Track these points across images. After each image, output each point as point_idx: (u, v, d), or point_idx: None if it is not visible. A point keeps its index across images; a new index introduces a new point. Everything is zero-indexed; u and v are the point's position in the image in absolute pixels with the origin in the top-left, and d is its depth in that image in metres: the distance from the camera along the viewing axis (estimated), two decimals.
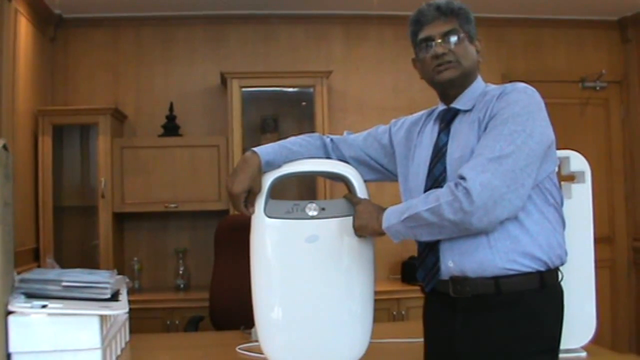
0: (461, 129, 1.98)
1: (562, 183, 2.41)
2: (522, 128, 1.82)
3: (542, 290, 1.87)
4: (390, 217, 1.94)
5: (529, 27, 5.45)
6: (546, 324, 1.89)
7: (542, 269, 1.87)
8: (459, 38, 1.99)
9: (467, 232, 1.84)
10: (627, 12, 5.36)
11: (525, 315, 1.86)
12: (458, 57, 1.99)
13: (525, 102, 1.87)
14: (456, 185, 1.80)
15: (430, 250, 1.98)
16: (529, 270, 1.86)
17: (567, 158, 2.44)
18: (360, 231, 2.07)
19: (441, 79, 2.01)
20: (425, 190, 1.96)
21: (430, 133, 2.08)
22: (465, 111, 2.00)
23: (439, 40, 1.98)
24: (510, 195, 1.78)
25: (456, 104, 2.02)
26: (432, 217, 1.83)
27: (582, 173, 2.44)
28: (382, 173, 2.28)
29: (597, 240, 2.44)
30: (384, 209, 1.99)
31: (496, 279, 1.86)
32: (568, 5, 5.18)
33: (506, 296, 1.86)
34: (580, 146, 2.68)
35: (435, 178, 1.97)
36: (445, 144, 2.00)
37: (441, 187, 1.88)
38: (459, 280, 1.91)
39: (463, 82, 2.01)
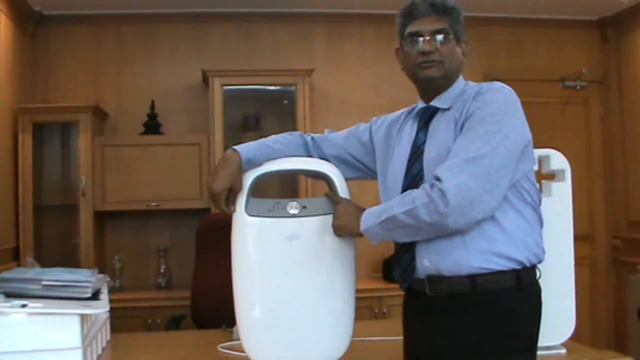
0: (439, 128, 1.98)
1: (542, 181, 2.42)
2: (498, 128, 1.82)
3: (518, 289, 1.88)
4: (368, 220, 1.95)
5: (510, 26, 5.49)
6: (522, 322, 1.90)
7: (518, 267, 1.88)
8: (447, 38, 1.98)
9: (443, 233, 1.85)
10: (607, 12, 5.41)
11: (501, 313, 1.87)
12: (443, 57, 1.98)
13: (501, 102, 1.88)
14: (432, 186, 1.80)
15: (406, 250, 1.98)
16: (505, 268, 1.87)
17: (547, 156, 2.46)
18: (339, 231, 2.08)
19: (423, 76, 2.01)
20: (403, 189, 1.97)
21: (409, 131, 2.08)
22: (444, 110, 2.00)
23: (427, 38, 1.98)
24: (486, 196, 1.78)
25: (435, 102, 2.02)
26: (409, 219, 1.83)
27: (562, 171, 2.46)
28: (363, 171, 2.28)
29: (577, 238, 2.45)
30: (363, 210, 2.00)
31: (472, 277, 1.86)
32: (549, 4, 5.21)
33: (482, 294, 1.86)
34: (561, 145, 2.69)
35: (413, 177, 1.97)
36: (423, 142, 2.00)
37: (418, 186, 1.89)
38: (435, 279, 1.92)
39: (444, 82, 2.01)
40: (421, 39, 1.98)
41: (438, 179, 1.79)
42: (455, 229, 1.81)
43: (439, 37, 1.98)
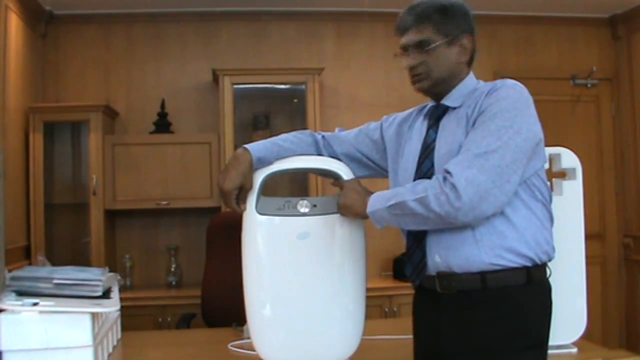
0: (450, 125, 1.98)
1: (553, 180, 2.42)
2: (510, 124, 1.82)
3: (528, 286, 1.88)
4: (376, 202, 1.94)
5: (521, 24, 5.47)
6: (532, 320, 1.90)
7: (529, 264, 1.88)
8: (430, 47, 1.98)
9: (451, 225, 1.85)
10: (617, 10, 5.38)
11: (511, 311, 1.87)
12: (430, 67, 1.99)
13: (513, 99, 1.87)
14: (444, 179, 1.80)
15: (417, 246, 1.98)
16: (515, 265, 1.87)
17: (558, 155, 2.45)
18: (343, 210, 2.06)
19: (416, 89, 2.05)
20: None
21: (420, 129, 2.08)
22: (455, 108, 2.00)
23: (410, 52, 2.00)
24: (495, 191, 1.78)
25: (445, 101, 2.02)
26: (419, 207, 1.83)
27: (573, 170, 2.45)
28: (373, 169, 2.28)
29: (588, 237, 2.45)
30: (371, 193, 2.00)
31: (482, 274, 1.87)
32: (559, 2, 5.20)
33: (492, 292, 1.86)
34: (571, 143, 2.68)
35: (424, 174, 1.97)
36: (434, 140, 2.00)
37: None
38: (445, 276, 1.92)
39: (442, 88, 2.02)
40: (406, 53, 2.01)
41: (448, 173, 1.79)
42: (464, 222, 1.81)
43: (424, 48, 1.98)
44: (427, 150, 2.00)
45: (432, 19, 1.98)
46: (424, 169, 1.98)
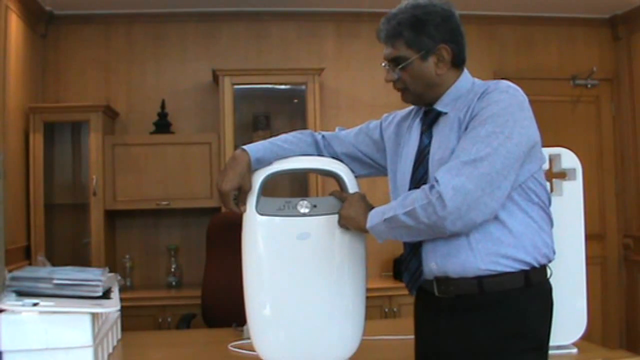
0: (444, 130, 1.96)
1: (553, 180, 2.42)
2: (501, 130, 1.79)
3: (527, 289, 1.86)
4: (374, 217, 1.94)
5: (521, 25, 5.46)
6: (531, 323, 1.89)
7: (527, 268, 1.87)
8: (404, 65, 1.96)
9: (443, 235, 1.84)
10: (618, 10, 5.38)
11: (509, 314, 1.86)
12: (406, 83, 1.99)
13: (505, 103, 1.84)
14: (431, 188, 1.79)
15: (413, 255, 1.98)
16: (513, 270, 1.85)
17: (558, 155, 2.45)
18: (344, 221, 2.06)
19: (402, 100, 2.05)
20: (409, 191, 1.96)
21: (417, 131, 2.07)
22: (447, 112, 1.98)
23: (387, 67, 2.00)
24: (485, 199, 1.76)
25: (437, 106, 2.00)
26: (409, 220, 1.83)
27: (573, 170, 2.45)
28: (374, 168, 2.28)
29: (588, 237, 2.44)
30: (372, 207, 2.00)
31: (479, 279, 1.86)
32: (559, 2, 5.19)
33: (490, 295, 1.86)
34: (571, 143, 2.68)
35: (418, 180, 1.96)
36: (427, 145, 1.99)
37: None
38: (443, 281, 1.92)
39: (426, 99, 2.01)
40: (386, 67, 2.01)
41: (437, 181, 1.78)
42: (452, 231, 1.81)
43: (398, 65, 1.98)
44: (422, 156, 1.99)
45: (404, 35, 1.95)
46: (419, 176, 1.98)
